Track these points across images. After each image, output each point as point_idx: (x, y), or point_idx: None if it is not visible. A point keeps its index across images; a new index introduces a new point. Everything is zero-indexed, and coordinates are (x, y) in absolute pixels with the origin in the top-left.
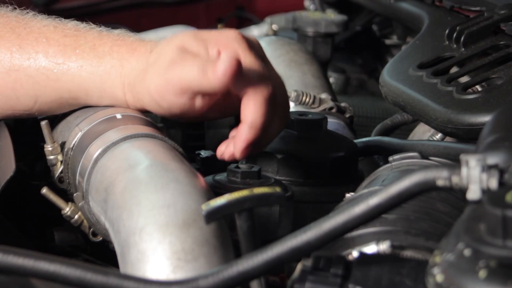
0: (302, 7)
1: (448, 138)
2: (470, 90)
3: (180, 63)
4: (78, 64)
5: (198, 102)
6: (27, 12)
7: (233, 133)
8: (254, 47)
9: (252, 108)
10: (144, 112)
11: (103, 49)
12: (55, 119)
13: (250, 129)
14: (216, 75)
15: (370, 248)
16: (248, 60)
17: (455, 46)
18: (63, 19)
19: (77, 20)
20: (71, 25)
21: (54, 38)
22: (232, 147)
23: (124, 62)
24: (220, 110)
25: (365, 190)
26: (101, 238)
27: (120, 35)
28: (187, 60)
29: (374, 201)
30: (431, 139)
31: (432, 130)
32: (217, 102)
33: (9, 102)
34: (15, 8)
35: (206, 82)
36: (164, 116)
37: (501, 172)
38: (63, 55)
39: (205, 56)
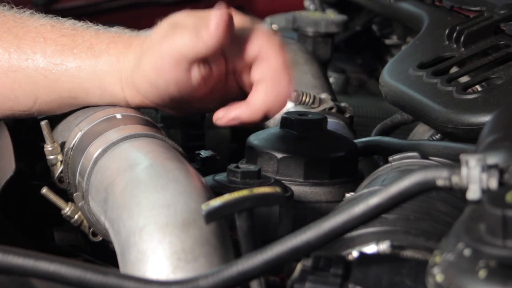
0: (302, 7)
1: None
2: (470, 90)
3: (171, 35)
4: (76, 64)
5: (195, 74)
6: (24, 11)
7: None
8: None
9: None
10: (144, 108)
11: (100, 47)
12: (55, 119)
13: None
14: (209, 31)
15: (370, 248)
16: (240, 20)
17: (455, 46)
18: (60, 18)
19: (76, 20)
20: (68, 24)
21: (52, 38)
22: (233, 112)
23: (121, 57)
24: (219, 97)
25: (365, 190)
26: (101, 238)
27: (116, 32)
28: (178, 30)
29: (374, 201)
30: (431, 139)
31: (432, 130)
32: (216, 86)
33: (8, 103)
34: (12, 7)
35: (201, 43)
36: (163, 104)
37: (501, 172)
38: (61, 55)
39: (197, 25)
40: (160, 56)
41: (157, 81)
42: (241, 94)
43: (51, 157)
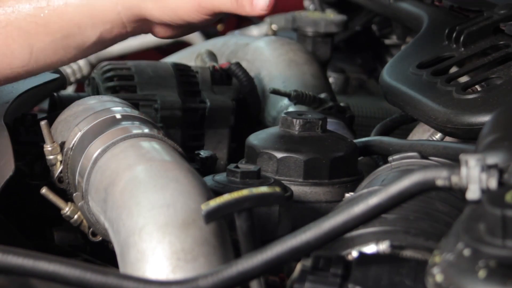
0: (302, 7)
1: (448, 138)
2: (469, 90)
3: None
4: (63, 1)
5: (218, 16)
6: None
7: None
8: None
9: None
10: (144, 108)
11: None
12: (55, 119)
13: None
14: (253, 6)
15: (370, 248)
16: None
17: (454, 46)
18: None
19: None
20: None
21: None
22: None
23: None
24: None
25: (365, 190)
26: (100, 238)
27: None
28: None
29: (373, 201)
30: (430, 139)
31: (432, 130)
32: None
33: (5, 60)
34: None
35: (241, 10)
36: (166, 18)
37: (501, 172)
38: None
39: None
40: (199, 4)
41: (180, 18)
42: None
43: (51, 157)
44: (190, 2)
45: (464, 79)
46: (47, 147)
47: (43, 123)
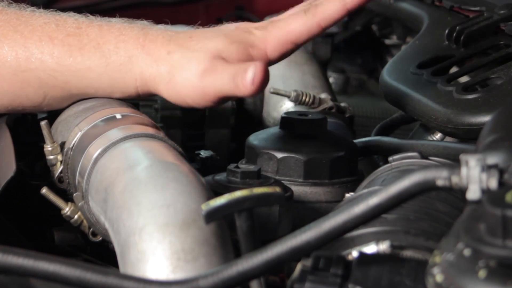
0: None
1: (448, 138)
2: (470, 90)
3: (212, 71)
4: (85, 65)
5: (226, 100)
6: (25, 8)
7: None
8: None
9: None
10: (144, 109)
11: (107, 47)
12: (55, 119)
13: None
14: (245, 84)
15: (370, 248)
16: None
17: (454, 46)
18: (62, 14)
19: (76, 13)
20: (71, 22)
21: (58, 38)
22: None
23: (134, 59)
24: None
25: (365, 190)
26: (100, 238)
27: (121, 29)
28: (219, 68)
29: (374, 201)
30: (431, 139)
31: (432, 130)
32: None
33: (18, 100)
34: (11, 4)
35: (238, 90)
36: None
37: (501, 172)
38: (69, 56)
39: (236, 69)
40: (202, 91)
41: (187, 103)
42: None
43: (51, 157)
44: (196, 90)
45: (464, 79)
46: (47, 147)
47: (43, 123)
